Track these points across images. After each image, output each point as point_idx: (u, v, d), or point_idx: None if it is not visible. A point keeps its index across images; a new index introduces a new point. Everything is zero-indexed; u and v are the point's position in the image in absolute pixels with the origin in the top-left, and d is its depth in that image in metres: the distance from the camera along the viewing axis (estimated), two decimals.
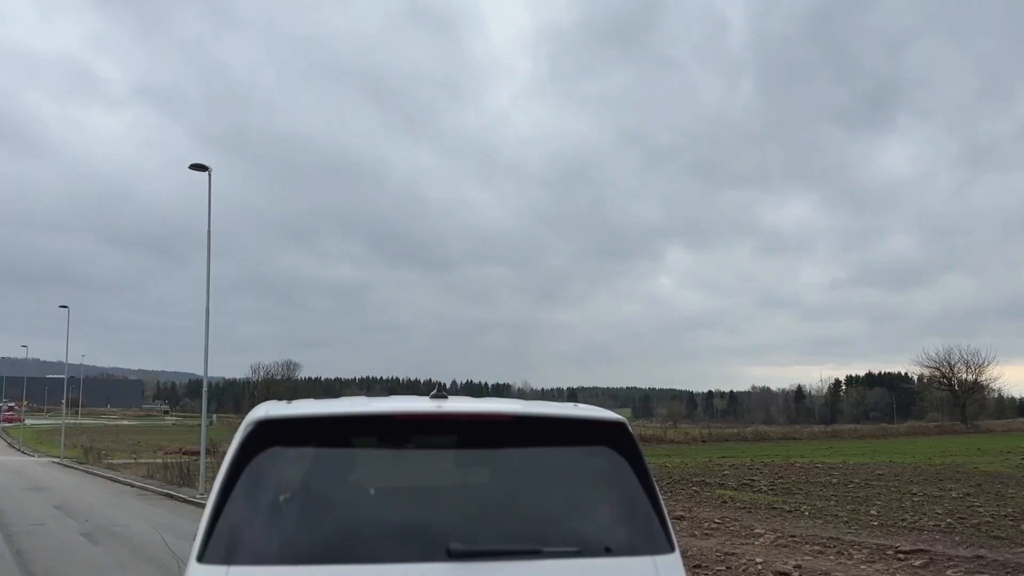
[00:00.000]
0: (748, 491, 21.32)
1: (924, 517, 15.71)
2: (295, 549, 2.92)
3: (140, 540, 14.37)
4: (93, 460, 42.34)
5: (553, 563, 2.92)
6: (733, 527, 15.04)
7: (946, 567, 10.92)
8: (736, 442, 59.01)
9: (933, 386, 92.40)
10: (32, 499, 22.42)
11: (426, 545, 2.92)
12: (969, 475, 24.48)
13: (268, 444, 3.01)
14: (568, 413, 3.27)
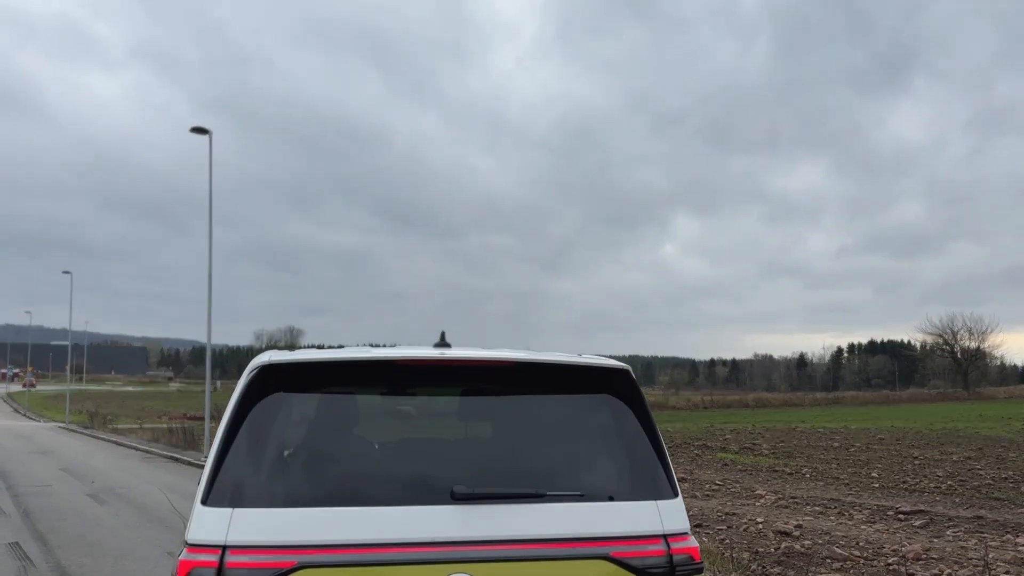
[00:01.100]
0: (749, 454, 21.43)
1: (925, 479, 15.78)
2: (299, 492, 2.91)
3: (145, 501, 14.49)
4: (98, 425, 42.68)
5: (556, 506, 2.91)
6: (734, 488, 15.13)
7: (946, 527, 10.98)
8: (738, 408, 59.31)
9: (936, 354, 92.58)
10: (39, 462, 22.61)
11: (430, 489, 2.91)
12: (970, 439, 24.58)
13: (272, 390, 2.99)
14: (571, 360, 3.24)
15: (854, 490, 14.76)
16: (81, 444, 31.30)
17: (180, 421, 35.66)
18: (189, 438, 27.71)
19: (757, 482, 16.01)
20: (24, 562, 9.08)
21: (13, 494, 15.24)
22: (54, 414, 59.00)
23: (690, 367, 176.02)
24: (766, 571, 8.44)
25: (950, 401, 65.43)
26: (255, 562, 2.65)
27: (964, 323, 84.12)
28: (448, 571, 2.72)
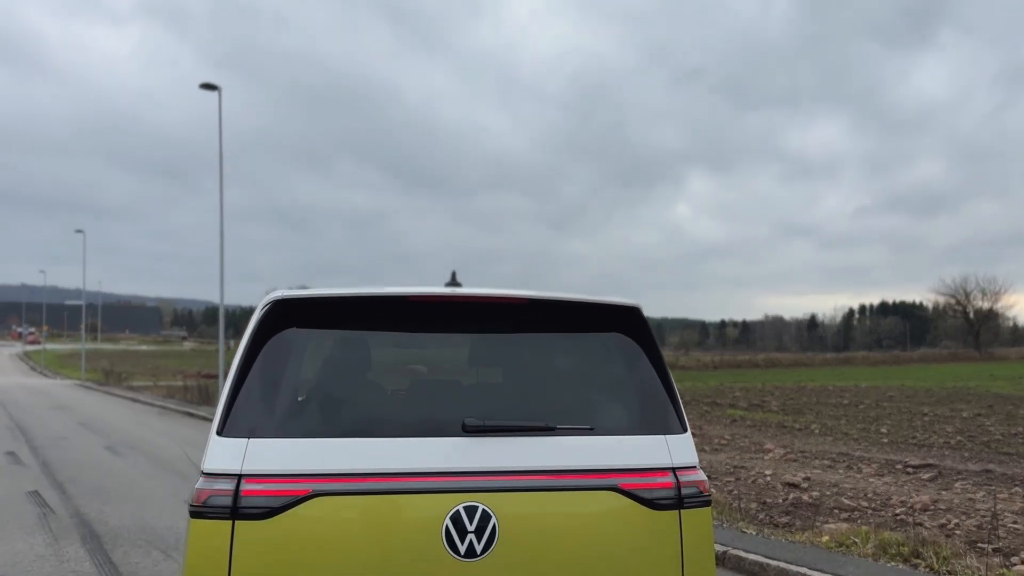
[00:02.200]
0: (759, 411, 21.52)
1: (934, 435, 15.83)
2: (312, 424, 2.95)
3: (162, 453, 14.72)
4: (114, 382, 43.20)
5: (566, 440, 2.94)
6: (743, 443, 15.23)
7: (954, 480, 11.03)
8: (747, 368, 59.43)
9: (948, 314, 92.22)
10: (56, 417, 22.95)
11: (442, 422, 2.95)
12: (981, 397, 24.59)
13: (285, 325, 3.02)
14: (582, 298, 3.25)
15: (863, 445, 14.83)
16: (97, 400, 31.72)
17: (195, 379, 36.02)
18: (204, 394, 28.02)
19: (766, 437, 16.10)
20: (44, 509, 9.27)
21: (32, 447, 15.50)
22: (70, 372, 59.72)
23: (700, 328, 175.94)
24: (774, 520, 8.53)
25: (961, 361, 65.32)
26: (270, 490, 2.70)
27: (977, 283, 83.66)
28: (459, 500, 2.76)
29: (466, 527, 2.74)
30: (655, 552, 2.94)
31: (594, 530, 2.89)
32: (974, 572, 6.28)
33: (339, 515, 2.72)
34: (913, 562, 6.64)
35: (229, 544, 2.66)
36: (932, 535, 7.47)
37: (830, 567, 6.39)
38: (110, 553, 7.22)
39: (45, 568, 6.73)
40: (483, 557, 2.74)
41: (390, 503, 2.75)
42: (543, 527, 2.84)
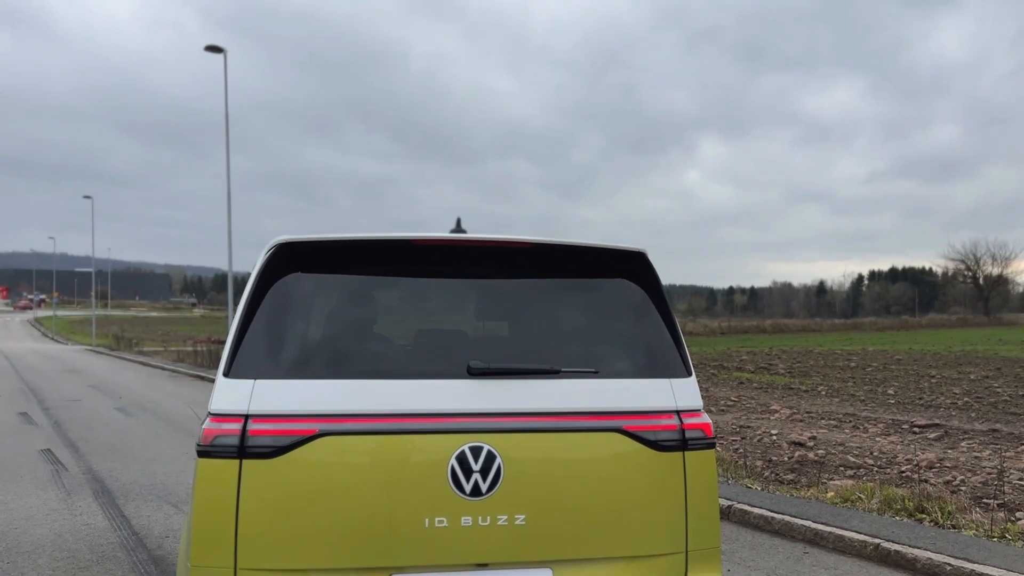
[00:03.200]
0: (765, 374, 21.55)
1: (941, 396, 15.84)
2: (319, 366, 2.96)
3: (172, 414, 14.86)
4: (124, 347, 43.50)
5: (571, 383, 2.95)
6: (749, 404, 15.27)
7: (961, 439, 11.05)
8: (755, 334, 59.39)
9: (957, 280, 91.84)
10: (67, 380, 23.16)
11: (447, 364, 2.96)
12: (989, 360, 24.56)
13: (289, 269, 3.01)
14: (588, 243, 3.23)
15: (869, 406, 14.85)
16: (108, 364, 31.97)
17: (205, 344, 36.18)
18: (214, 359, 28.20)
19: (772, 399, 16.14)
20: (56, 466, 9.39)
21: (44, 408, 15.66)
22: (80, 338, 60.16)
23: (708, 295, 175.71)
24: (779, 478, 8.57)
25: (970, 327, 65.13)
26: (277, 430, 2.72)
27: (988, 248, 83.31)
28: (464, 441, 2.77)
29: (471, 467, 2.76)
30: (659, 493, 2.96)
31: (598, 471, 2.90)
32: (978, 526, 6.31)
33: (345, 454, 2.74)
34: (917, 517, 6.68)
35: (237, 482, 2.68)
36: (937, 491, 7.50)
37: (835, 521, 6.43)
38: (122, 507, 7.32)
39: (58, 521, 6.83)
40: (488, 496, 2.77)
41: (396, 443, 2.77)
42: (547, 467, 2.85)
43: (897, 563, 5.65)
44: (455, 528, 2.75)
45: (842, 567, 5.66)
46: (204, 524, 2.70)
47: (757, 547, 6.17)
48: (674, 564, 2.97)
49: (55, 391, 19.34)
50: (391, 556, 2.74)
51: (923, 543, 5.80)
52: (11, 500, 7.59)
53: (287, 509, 2.70)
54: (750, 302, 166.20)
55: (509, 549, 2.80)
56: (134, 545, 6.09)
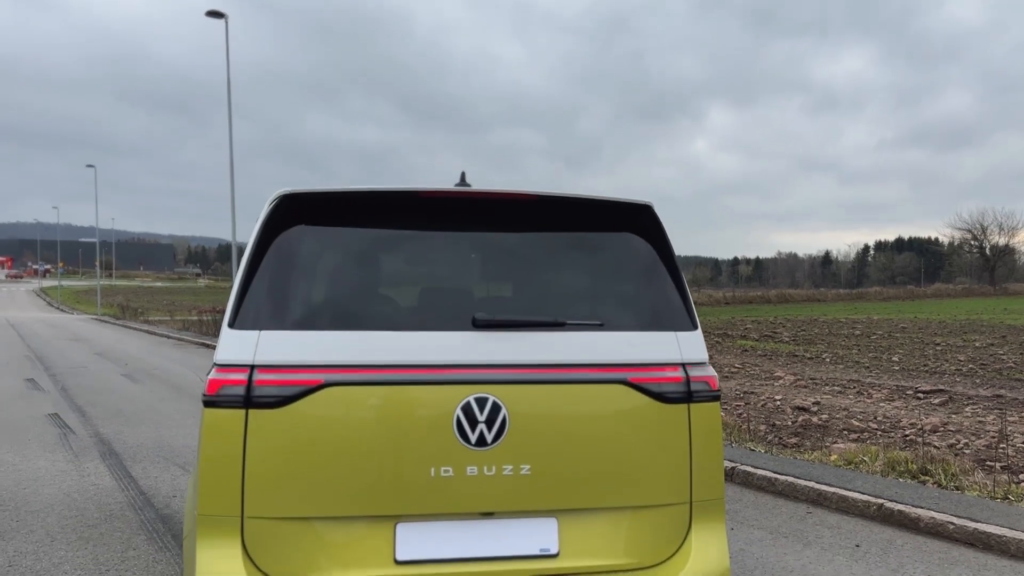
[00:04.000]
0: (770, 341, 21.57)
1: (946, 363, 15.84)
2: (323, 317, 2.95)
3: (178, 380, 14.94)
4: (130, 316, 43.67)
5: (576, 335, 2.94)
6: (753, 371, 15.29)
7: (965, 404, 11.06)
8: (760, 304, 59.38)
9: (964, 250, 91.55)
10: (74, 348, 23.27)
11: (452, 317, 2.95)
12: (994, 328, 24.53)
13: (293, 221, 3.00)
14: (594, 196, 3.20)
15: (874, 372, 14.86)
16: (114, 333, 32.11)
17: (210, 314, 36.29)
18: (220, 328, 28.23)
19: (776, 366, 16.15)
20: (64, 430, 9.45)
21: (51, 374, 15.75)
22: (86, 307, 60.38)
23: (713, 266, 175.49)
24: (783, 441, 8.60)
25: (975, 296, 65.00)
26: (283, 380, 2.71)
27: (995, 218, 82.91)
28: (469, 392, 2.77)
29: (477, 417, 2.76)
30: (663, 444, 2.96)
31: (603, 422, 2.91)
32: (982, 487, 6.33)
33: (351, 405, 2.74)
34: (921, 479, 6.70)
35: (243, 432, 2.69)
36: (941, 454, 7.52)
37: (838, 482, 6.46)
38: (129, 469, 7.37)
39: (66, 482, 6.88)
40: (494, 446, 2.77)
41: (401, 394, 2.77)
42: (552, 418, 2.85)
43: (900, 523, 5.68)
44: (460, 477, 2.76)
45: (845, 526, 5.69)
46: (211, 473, 2.71)
47: (760, 507, 6.21)
48: (678, 514, 2.98)
49: (61, 358, 19.44)
50: (397, 504, 2.75)
51: (926, 503, 5.82)
52: (19, 462, 7.66)
53: (293, 458, 2.70)
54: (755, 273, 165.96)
55: (514, 499, 2.81)
56: (142, 504, 6.14)
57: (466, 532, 2.82)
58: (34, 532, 5.45)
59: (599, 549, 2.89)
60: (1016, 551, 5.04)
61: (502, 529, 2.84)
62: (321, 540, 2.73)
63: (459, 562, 2.78)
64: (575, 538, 2.88)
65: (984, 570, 4.82)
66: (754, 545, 5.26)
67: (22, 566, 4.79)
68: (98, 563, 4.84)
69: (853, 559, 5.00)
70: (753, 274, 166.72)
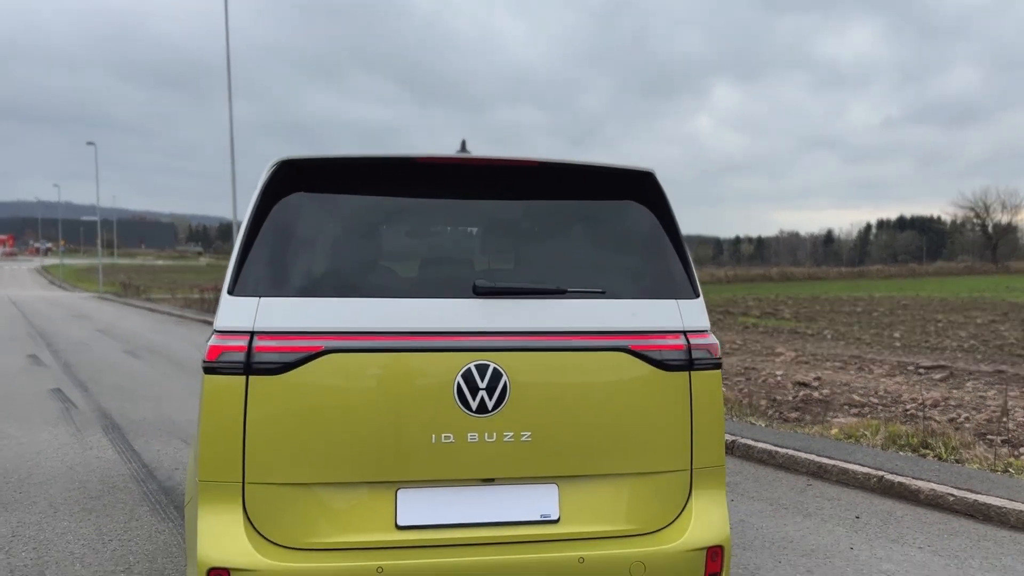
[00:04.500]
0: (771, 319, 21.58)
1: (948, 340, 15.84)
2: (324, 284, 2.95)
3: (180, 356, 14.97)
4: (132, 294, 43.71)
5: (578, 302, 2.93)
6: (754, 348, 15.30)
7: (966, 380, 11.07)
8: (761, 282, 59.32)
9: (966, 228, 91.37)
10: (76, 324, 23.32)
11: (453, 284, 2.94)
12: (996, 305, 24.51)
13: (291, 189, 2.97)
14: (595, 163, 3.18)
15: (875, 349, 14.87)
16: (116, 310, 32.15)
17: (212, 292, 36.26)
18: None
19: (778, 342, 16.16)
20: (67, 404, 9.48)
21: (53, 351, 15.79)
22: (88, 285, 60.44)
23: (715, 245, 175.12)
24: (783, 416, 8.61)
25: (977, 274, 64.88)
26: (283, 346, 2.70)
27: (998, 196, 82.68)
28: (470, 359, 2.76)
29: (477, 384, 2.76)
30: (664, 411, 2.95)
31: (604, 389, 2.90)
32: (982, 460, 6.34)
33: (352, 371, 2.73)
34: (921, 452, 6.71)
35: (243, 398, 2.68)
36: (941, 428, 7.53)
37: (839, 455, 6.47)
38: (132, 442, 7.40)
39: (69, 454, 6.91)
40: (494, 413, 2.77)
41: (402, 360, 2.76)
42: (553, 386, 2.85)
43: (900, 494, 5.69)
44: (461, 444, 2.76)
45: (845, 498, 5.71)
46: (212, 439, 2.71)
47: (760, 479, 6.22)
48: (678, 481, 2.98)
49: (64, 335, 19.48)
50: (398, 471, 2.75)
51: (927, 475, 5.83)
52: (22, 435, 7.68)
53: (294, 424, 2.70)
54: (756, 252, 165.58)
55: (515, 465, 2.81)
56: (144, 477, 6.17)
57: (467, 498, 2.82)
58: (37, 504, 5.47)
59: (600, 515, 2.89)
60: (1016, 522, 5.06)
61: (503, 495, 2.84)
62: (323, 506, 2.74)
63: (460, 527, 2.79)
64: (576, 504, 2.88)
65: (984, 540, 4.83)
66: (754, 516, 5.28)
67: (25, 536, 4.82)
68: (101, 533, 4.87)
69: (853, 530, 5.02)
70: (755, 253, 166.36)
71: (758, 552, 4.62)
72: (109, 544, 4.68)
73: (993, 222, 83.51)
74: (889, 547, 4.71)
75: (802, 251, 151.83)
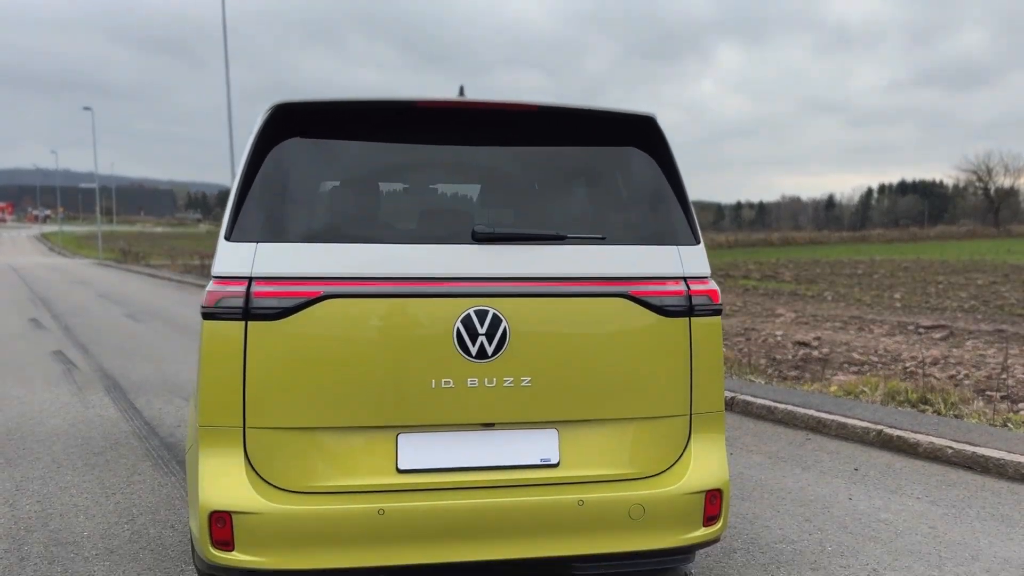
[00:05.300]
0: (772, 281, 21.58)
1: (948, 300, 15.85)
2: (322, 230, 2.93)
3: (179, 319, 14.98)
4: (132, 261, 43.69)
5: (578, 248, 2.91)
6: (755, 309, 15.30)
7: (966, 339, 11.09)
8: (762, 247, 59.21)
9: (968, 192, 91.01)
10: (76, 290, 23.32)
11: (452, 230, 2.93)
12: (997, 267, 24.49)
13: (288, 134, 2.94)
14: (595, 107, 3.13)
15: (875, 309, 14.88)
16: (116, 276, 32.14)
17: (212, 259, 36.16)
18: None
19: (778, 304, 16.17)
20: (68, 365, 9.50)
21: (53, 315, 15.80)
22: (87, 252, 60.40)
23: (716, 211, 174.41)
24: (783, 374, 8.63)
25: (979, 238, 64.69)
26: (281, 292, 2.69)
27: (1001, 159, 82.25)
28: (469, 304, 2.75)
29: (477, 330, 2.75)
30: (664, 357, 2.95)
31: (604, 334, 2.89)
32: (981, 415, 6.36)
33: (351, 317, 2.72)
34: (921, 407, 6.73)
35: (242, 344, 2.67)
36: (941, 384, 7.55)
37: (838, 410, 6.49)
38: (133, 401, 7.42)
39: (71, 413, 6.93)
40: (494, 358, 2.76)
41: (401, 306, 2.75)
42: (553, 331, 2.84)
43: (899, 447, 5.72)
44: (461, 389, 2.76)
45: (844, 451, 5.74)
46: (211, 385, 2.70)
47: (759, 434, 6.25)
48: (678, 426, 2.98)
49: (64, 300, 19.49)
50: (398, 415, 2.76)
51: (926, 429, 5.85)
52: (24, 395, 7.71)
53: (294, 369, 2.70)
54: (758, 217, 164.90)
55: (515, 410, 2.81)
56: (147, 433, 6.20)
57: (467, 442, 2.83)
58: (40, 459, 5.50)
59: (600, 459, 2.90)
60: (1014, 473, 5.09)
61: (503, 440, 2.85)
62: (324, 450, 2.74)
63: (460, 471, 2.80)
64: (576, 449, 2.89)
65: (982, 491, 4.86)
66: (753, 469, 5.31)
67: (29, 490, 4.85)
68: (104, 487, 4.90)
69: (851, 481, 5.05)
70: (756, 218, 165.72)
71: (756, 502, 4.65)
72: (112, 497, 4.71)
73: (996, 186, 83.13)
74: (887, 497, 4.74)
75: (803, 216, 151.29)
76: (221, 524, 2.64)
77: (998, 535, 4.16)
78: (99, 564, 3.76)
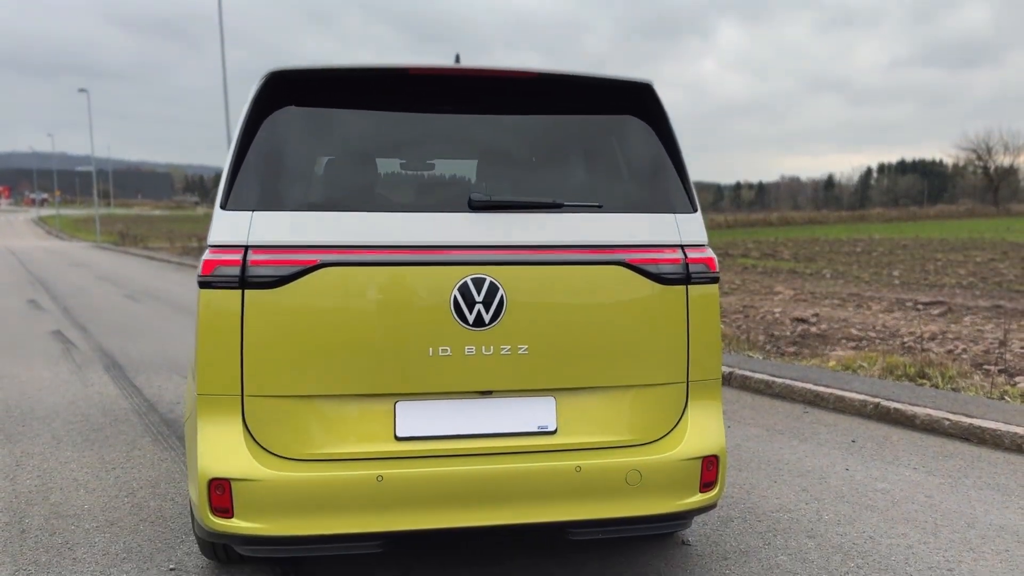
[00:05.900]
0: (771, 260, 21.57)
1: (947, 277, 15.85)
2: (318, 198, 2.92)
3: (178, 300, 14.98)
4: (130, 243, 43.62)
5: (575, 216, 2.90)
6: (753, 287, 15.30)
7: (964, 315, 11.09)
8: (761, 227, 59.10)
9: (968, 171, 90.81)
10: (75, 272, 23.31)
11: (448, 198, 2.93)
12: (995, 245, 24.49)
13: (283, 102, 2.92)
14: (592, 74, 3.12)
15: (874, 287, 14.88)
16: (114, 258, 32.11)
17: None
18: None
19: (776, 282, 16.17)
20: (67, 345, 9.51)
21: (52, 296, 15.80)
22: (85, 235, 60.31)
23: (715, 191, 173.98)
24: (781, 350, 8.64)
25: (978, 217, 64.63)
26: (278, 260, 2.69)
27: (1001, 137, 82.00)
28: (466, 272, 2.75)
29: (474, 298, 2.75)
30: (661, 325, 2.95)
31: (601, 303, 2.89)
32: (978, 388, 6.38)
33: (347, 285, 2.72)
34: (919, 381, 6.75)
35: (239, 312, 2.67)
36: (939, 359, 7.56)
37: (836, 384, 6.51)
38: (132, 379, 7.44)
39: (71, 390, 6.95)
40: (491, 326, 2.76)
41: (398, 274, 2.74)
42: (550, 299, 2.84)
43: (896, 420, 5.74)
44: (458, 357, 2.76)
45: (842, 424, 5.76)
46: (209, 353, 2.71)
47: (757, 408, 6.27)
48: (675, 393, 2.99)
49: (63, 282, 19.48)
50: (396, 383, 2.76)
51: (923, 402, 5.87)
52: (23, 373, 7.72)
53: (291, 338, 2.70)
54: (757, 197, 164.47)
55: (512, 377, 2.82)
56: (146, 410, 6.21)
57: (465, 410, 2.84)
58: (40, 436, 5.52)
59: (597, 426, 2.91)
60: (1011, 444, 5.11)
61: (500, 407, 2.86)
62: (322, 418, 2.75)
63: (458, 439, 2.81)
64: (573, 416, 2.90)
65: (978, 461, 4.89)
66: (750, 441, 5.33)
67: (29, 465, 4.86)
68: (104, 462, 4.92)
69: (849, 452, 5.07)
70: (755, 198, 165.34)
71: (754, 472, 4.67)
72: (112, 472, 4.73)
73: (995, 164, 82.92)
74: (884, 468, 4.77)
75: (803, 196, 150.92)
76: (220, 491, 2.65)
77: (994, 504, 4.19)
78: (100, 535, 3.78)
